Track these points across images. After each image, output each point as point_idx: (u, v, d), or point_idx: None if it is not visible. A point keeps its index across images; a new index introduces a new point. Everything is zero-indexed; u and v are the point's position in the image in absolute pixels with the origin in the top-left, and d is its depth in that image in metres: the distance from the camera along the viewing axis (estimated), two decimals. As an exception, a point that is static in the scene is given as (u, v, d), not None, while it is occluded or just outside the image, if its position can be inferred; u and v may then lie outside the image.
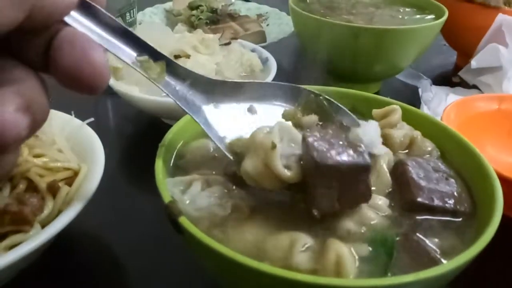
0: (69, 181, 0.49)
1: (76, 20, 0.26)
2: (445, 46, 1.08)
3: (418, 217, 0.37)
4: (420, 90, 0.86)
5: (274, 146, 0.34)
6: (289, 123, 0.40)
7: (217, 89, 0.41)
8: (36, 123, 0.23)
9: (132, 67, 0.33)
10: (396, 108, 0.47)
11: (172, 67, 0.37)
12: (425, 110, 0.78)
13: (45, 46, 0.23)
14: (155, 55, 0.35)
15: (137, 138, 0.75)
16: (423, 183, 0.38)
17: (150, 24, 0.97)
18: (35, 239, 0.40)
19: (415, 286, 0.30)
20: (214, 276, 0.36)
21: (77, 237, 0.53)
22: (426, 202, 0.37)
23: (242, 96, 0.43)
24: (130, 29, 0.32)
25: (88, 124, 0.56)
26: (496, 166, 0.49)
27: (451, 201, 0.38)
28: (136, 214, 0.58)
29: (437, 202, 0.37)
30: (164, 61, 0.36)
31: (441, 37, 1.05)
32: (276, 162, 0.34)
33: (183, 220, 0.33)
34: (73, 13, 0.26)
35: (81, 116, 0.57)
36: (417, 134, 0.46)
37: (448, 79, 0.97)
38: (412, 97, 0.85)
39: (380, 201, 0.37)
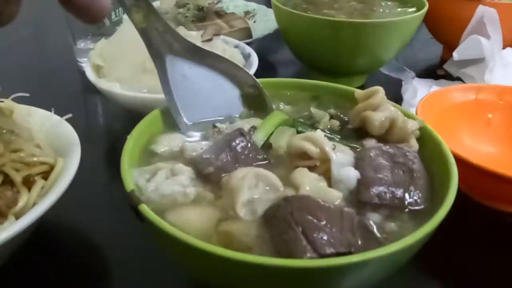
0: (46, 175, 0.50)
1: None
2: (431, 40, 1.08)
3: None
4: (403, 83, 0.86)
5: None
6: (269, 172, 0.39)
7: (184, 47, 0.47)
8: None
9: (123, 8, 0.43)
10: (379, 89, 0.47)
11: (153, 16, 0.44)
12: (404, 102, 0.79)
13: None
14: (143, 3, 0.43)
15: (120, 134, 0.75)
16: (374, 177, 0.39)
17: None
18: (8, 230, 0.41)
19: (362, 267, 0.31)
20: (175, 262, 0.37)
21: (57, 229, 0.55)
22: (371, 201, 0.38)
23: (204, 61, 0.49)
24: None
25: (73, 121, 0.57)
26: (473, 156, 0.50)
27: (400, 193, 0.38)
28: (116, 207, 0.58)
29: (384, 199, 0.38)
30: (147, 10, 0.43)
31: (427, 31, 1.05)
32: (238, 210, 0.36)
33: (142, 208, 0.34)
34: None
35: (66, 112, 0.58)
36: (399, 115, 0.46)
37: (433, 72, 0.97)
38: (397, 90, 0.85)
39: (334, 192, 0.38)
